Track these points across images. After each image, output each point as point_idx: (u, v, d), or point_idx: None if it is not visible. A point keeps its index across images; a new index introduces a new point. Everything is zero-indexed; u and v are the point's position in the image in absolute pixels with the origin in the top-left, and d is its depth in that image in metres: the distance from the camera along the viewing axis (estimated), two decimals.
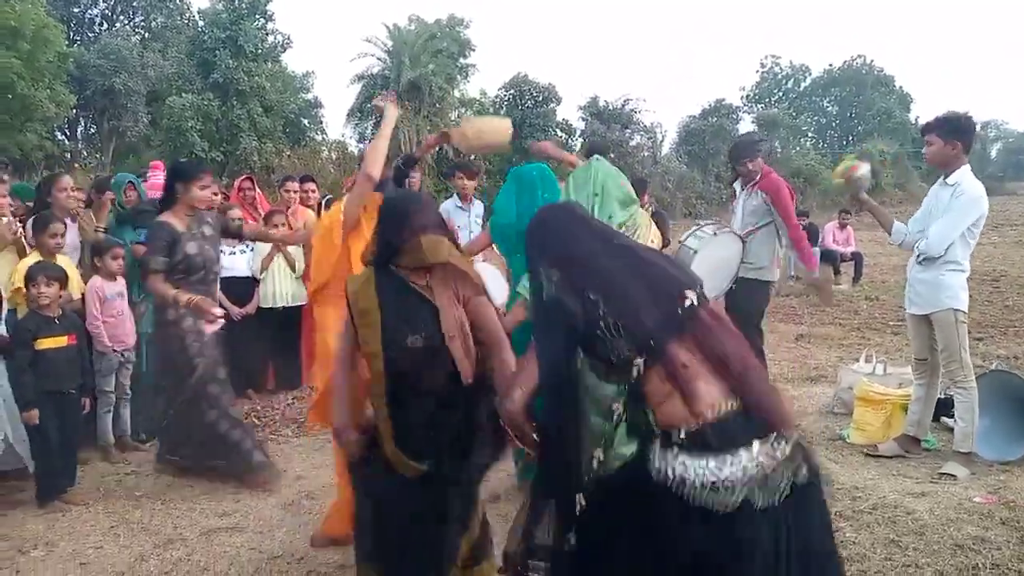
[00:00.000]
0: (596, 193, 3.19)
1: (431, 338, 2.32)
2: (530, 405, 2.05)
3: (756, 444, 1.71)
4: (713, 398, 1.74)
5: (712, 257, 4.37)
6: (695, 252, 4.32)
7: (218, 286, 4.45)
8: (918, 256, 4.08)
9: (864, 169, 4.33)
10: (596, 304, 1.80)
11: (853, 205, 4.49)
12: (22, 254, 4.21)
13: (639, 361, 1.77)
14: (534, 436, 2.09)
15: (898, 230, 4.22)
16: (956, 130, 4.00)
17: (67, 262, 4.31)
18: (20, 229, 4.24)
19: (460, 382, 2.34)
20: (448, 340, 2.32)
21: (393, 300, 2.38)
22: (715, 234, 4.47)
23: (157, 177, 5.45)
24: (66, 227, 4.37)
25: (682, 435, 1.73)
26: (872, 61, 42.96)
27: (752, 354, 1.87)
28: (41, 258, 4.16)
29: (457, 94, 29.08)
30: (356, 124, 29.56)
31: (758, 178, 4.98)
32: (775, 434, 1.73)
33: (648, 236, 3.15)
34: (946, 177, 4.05)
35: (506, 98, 27.77)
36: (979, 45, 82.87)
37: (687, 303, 1.80)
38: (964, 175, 3.99)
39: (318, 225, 3.36)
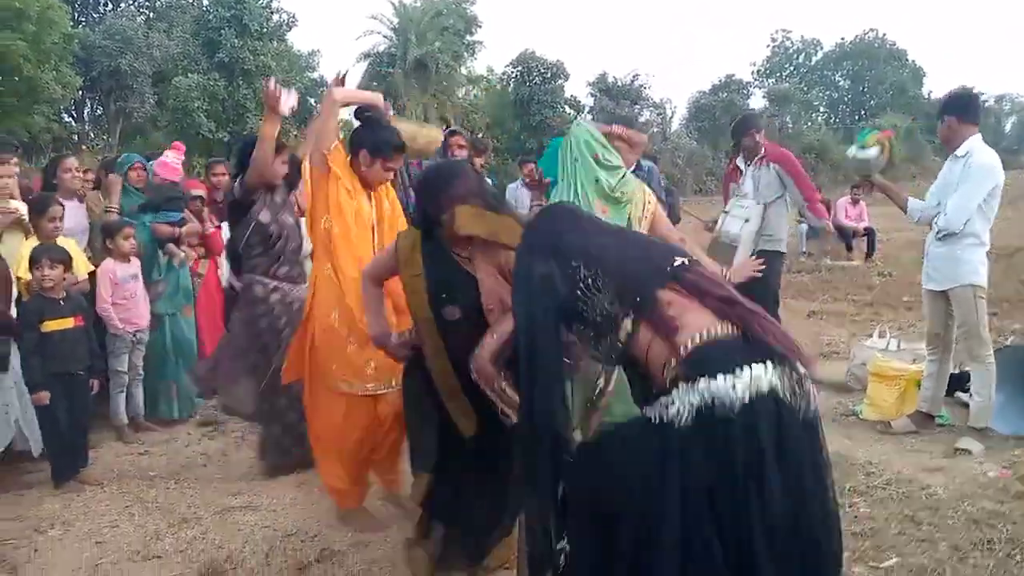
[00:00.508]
0: (575, 159, 3.07)
1: (469, 310, 2.30)
2: (503, 355, 2.02)
3: (767, 364, 1.56)
4: (704, 323, 1.63)
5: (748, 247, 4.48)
6: (746, 221, 4.39)
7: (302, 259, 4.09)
8: (937, 232, 4.02)
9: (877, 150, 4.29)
10: (576, 268, 1.74)
11: (864, 186, 4.47)
12: (28, 236, 4.21)
13: (627, 320, 1.69)
14: (507, 392, 2.08)
15: (914, 206, 4.18)
16: (963, 107, 4.05)
17: (71, 244, 4.31)
18: (20, 211, 4.20)
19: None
20: (486, 312, 2.30)
21: (435, 269, 2.40)
22: (747, 220, 4.54)
23: (168, 157, 5.39)
24: (64, 209, 4.35)
25: (674, 367, 1.60)
26: (884, 35, 42.25)
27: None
28: (40, 241, 4.16)
29: (464, 71, 28.90)
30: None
31: (762, 152, 5.01)
32: (785, 358, 1.60)
33: (643, 202, 3.06)
34: (955, 150, 4.02)
35: (513, 75, 27.52)
36: (992, 17, 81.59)
37: (677, 262, 1.75)
38: (973, 144, 3.96)
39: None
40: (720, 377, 1.53)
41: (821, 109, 39.99)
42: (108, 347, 4.47)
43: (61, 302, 3.93)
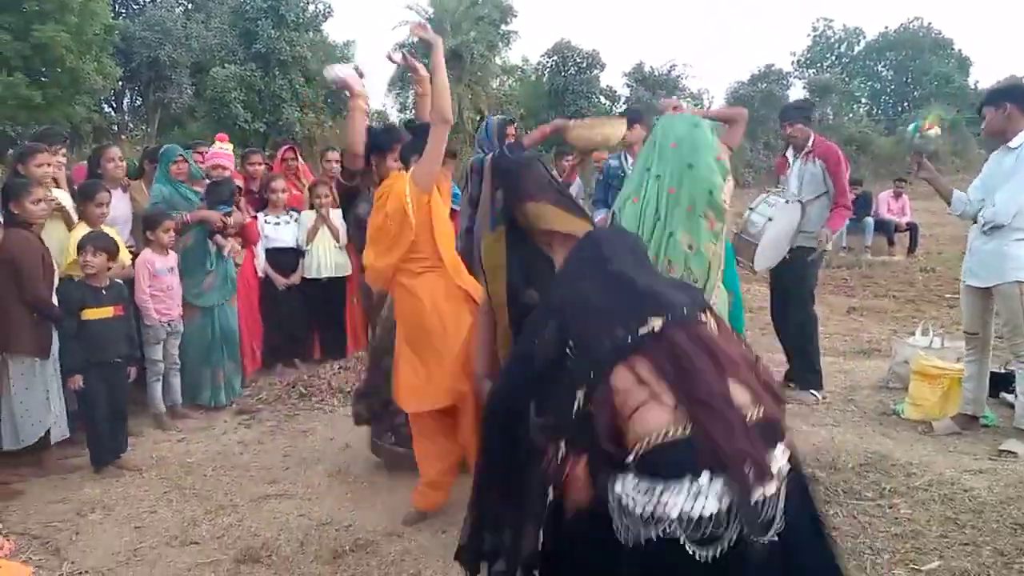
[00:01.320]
0: (689, 164, 2.92)
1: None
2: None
3: (704, 476, 1.41)
4: (661, 423, 1.47)
5: (781, 224, 4.40)
6: (769, 220, 4.31)
7: None
8: (983, 225, 3.91)
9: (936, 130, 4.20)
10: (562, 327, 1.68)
11: (912, 169, 4.30)
12: (70, 225, 4.29)
13: (580, 393, 1.55)
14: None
15: (958, 199, 4.06)
16: (1017, 96, 3.91)
17: (114, 233, 4.38)
18: (60, 201, 4.26)
19: None
20: None
21: (517, 256, 2.48)
22: (787, 202, 4.47)
23: (219, 147, 5.43)
24: (111, 196, 4.42)
25: (628, 459, 1.46)
26: (929, 23, 41.10)
27: (740, 375, 1.55)
28: (89, 228, 4.23)
29: (499, 61, 28.79)
30: (397, 94, 29.51)
31: (810, 146, 4.85)
32: (721, 470, 1.41)
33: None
34: (1008, 141, 3.90)
35: (548, 64, 27.35)
36: None
37: (649, 326, 1.56)
38: None
39: (379, 201, 3.22)
40: (670, 485, 1.41)
41: (863, 100, 39.09)
42: (143, 336, 4.54)
43: (103, 291, 4.00)
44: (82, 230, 4.20)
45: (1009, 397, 4.46)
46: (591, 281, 1.74)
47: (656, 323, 1.56)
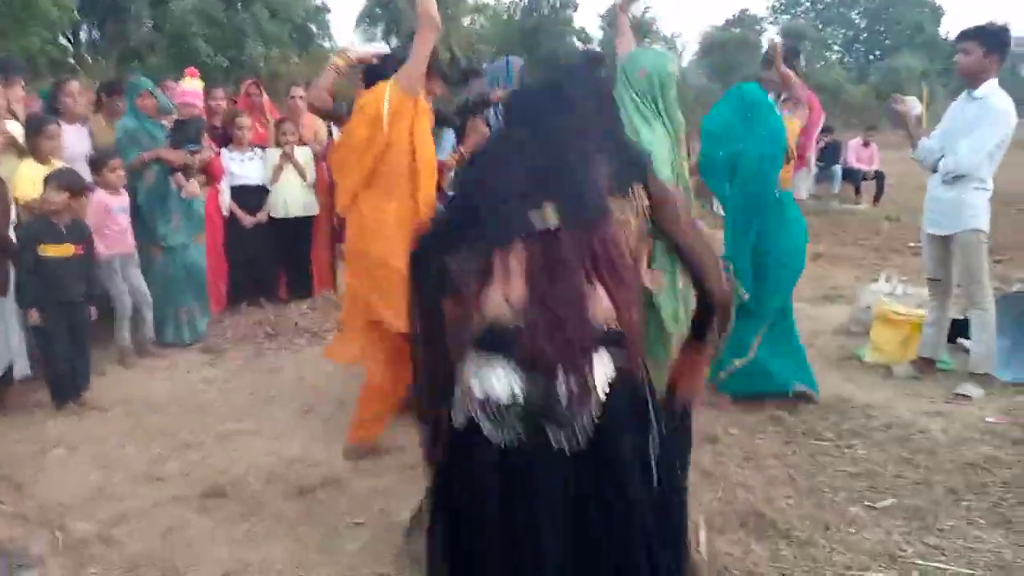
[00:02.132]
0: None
1: None
2: None
3: (510, 364, 1.46)
4: (498, 309, 1.50)
5: None
6: None
7: None
8: (945, 174, 3.93)
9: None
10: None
11: (891, 104, 4.28)
12: (24, 157, 4.14)
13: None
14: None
15: (923, 146, 4.05)
16: (998, 43, 3.85)
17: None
18: (11, 133, 4.11)
19: None
20: None
21: None
22: None
23: (187, 84, 5.21)
24: (60, 128, 4.26)
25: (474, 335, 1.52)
26: None
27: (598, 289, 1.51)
28: (37, 163, 4.08)
29: (470, 0, 28.06)
30: (365, 30, 28.65)
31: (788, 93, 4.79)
32: (530, 365, 1.45)
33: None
34: (972, 91, 3.89)
35: (521, 4, 26.75)
36: None
37: (537, 218, 1.52)
38: (992, 88, 3.83)
39: (357, 110, 3.04)
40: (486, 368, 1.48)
41: (835, 47, 39.04)
42: (101, 275, 4.43)
43: (63, 228, 3.87)
44: (30, 165, 4.05)
45: (965, 343, 4.58)
46: (514, 149, 1.63)
47: (550, 218, 1.50)
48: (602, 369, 1.48)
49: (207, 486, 3.06)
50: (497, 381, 1.47)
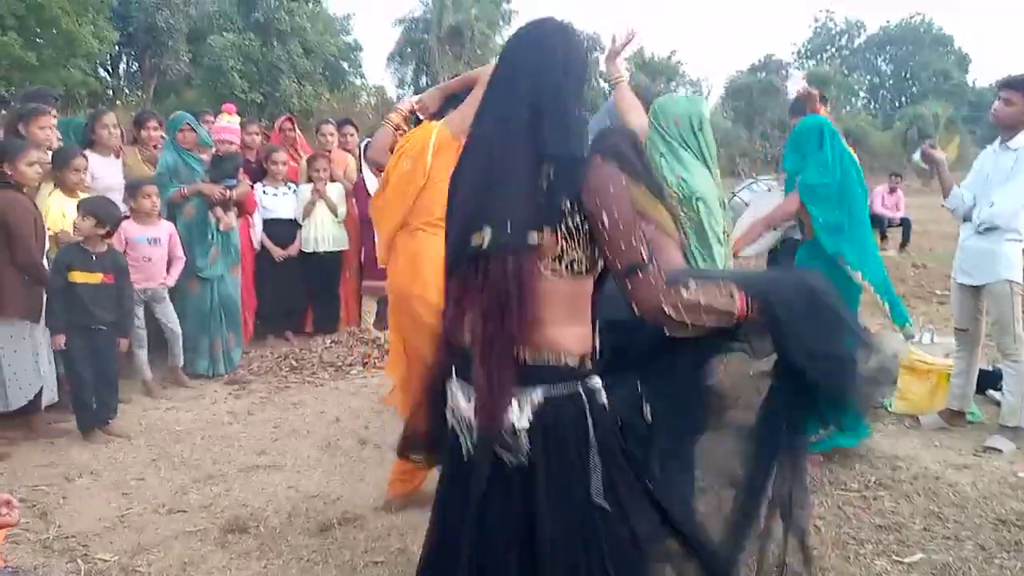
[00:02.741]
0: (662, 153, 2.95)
1: None
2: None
3: (460, 384, 1.55)
4: (464, 330, 1.54)
5: (758, 210, 4.34)
6: (746, 205, 4.30)
7: None
8: (978, 225, 3.89)
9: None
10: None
11: (923, 149, 4.25)
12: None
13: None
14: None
15: (955, 195, 4.03)
16: None
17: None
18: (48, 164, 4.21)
19: None
20: None
21: None
22: (769, 190, 4.45)
23: (226, 121, 5.25)
24: (87, 161, 4.36)
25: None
26: (930, 19, 41.26)
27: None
28: (64, 195, 4.19)
29: (499, 40, 28.61)
30: (396, 69, 29.28)
31: None
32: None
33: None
34: (1007, 140, 3.85)
35: None
36: None
37: (478, 242, 1.49)
38: None
39: (399, 150, 3.03)
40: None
41: (861, 94, 39.17)
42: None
43: (94, 256, 3.95)
44: (58, 196, 4.16)
45: (995, 394, 4.49)
46: (472, 173, 1.61)
47: (482, 241, 1.48)
48: (527, 398, 1.48)
49: (227, 519, 3.07)
50: (462, 398, 1.54)
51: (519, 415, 1.47)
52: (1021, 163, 3.77)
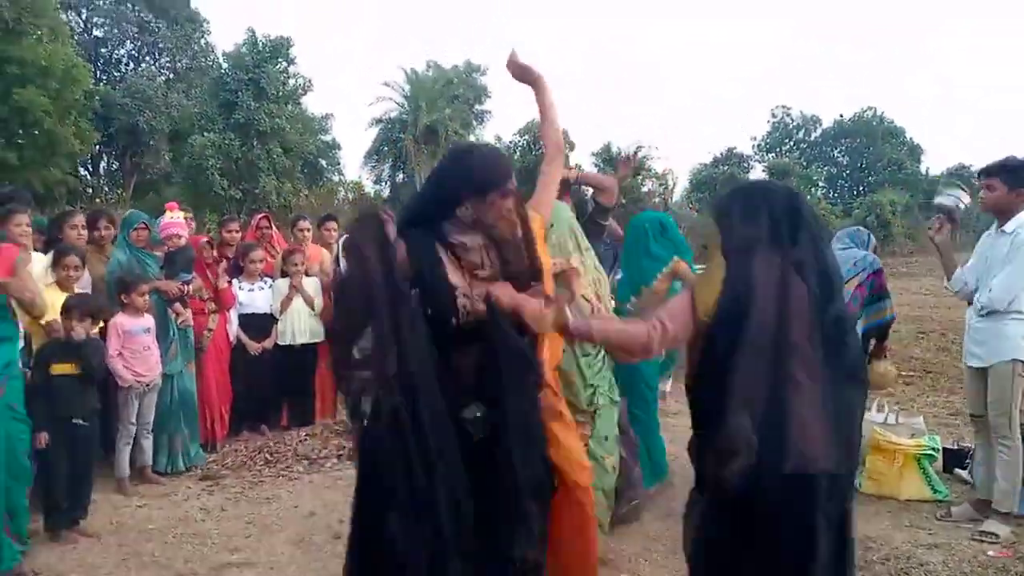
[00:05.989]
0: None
1: None
2: None
3: None
4: None
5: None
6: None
7: None
8: (980, 309, 3.94)
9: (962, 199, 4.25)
10: None
11: (932, 226, 4.31)
12: None
13: None
14: None
15: (957, 278, 4.09)
16: (1021, 178, 3.90)
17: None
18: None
19: None
20: None
21: None
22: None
23: (172, 217, 5.28)
24: (80, 259, 4.42)
25: None
26: (883, 113, 43.34)
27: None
28: (59, 290, 4.24)
29: (473, 139, 29.57)
30: (373, 166, 30.00)
31: None
32: None
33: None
34: (1002, 225, 3.94)
35: (520, 143, 28.17)
36: (991, 96, 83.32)
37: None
38: (1022, 221, 3.86)
39: None
40: None
41: (820, 184, 40.63)
42: (119, 399, 4.52)
43: (67, 345, 3.95)
44: (52, 293, 4.21)
45: (962, 473, 4.58)
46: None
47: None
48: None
49: None
50: None
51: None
52: (1016, 247, 3.82)
